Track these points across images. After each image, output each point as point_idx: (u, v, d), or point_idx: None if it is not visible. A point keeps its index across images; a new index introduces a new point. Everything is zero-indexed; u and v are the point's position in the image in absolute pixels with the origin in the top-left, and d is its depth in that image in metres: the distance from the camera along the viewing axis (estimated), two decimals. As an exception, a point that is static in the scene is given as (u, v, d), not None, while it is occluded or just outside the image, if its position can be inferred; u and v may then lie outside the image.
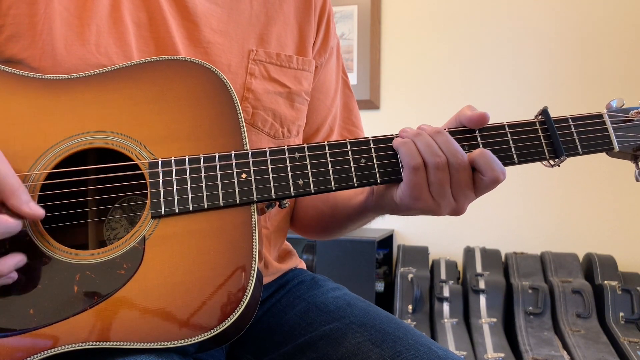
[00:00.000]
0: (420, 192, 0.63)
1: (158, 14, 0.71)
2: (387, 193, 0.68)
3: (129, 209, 0.69)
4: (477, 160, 0.62)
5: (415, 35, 2.53)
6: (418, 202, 0.64)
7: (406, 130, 0.65)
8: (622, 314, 1.99)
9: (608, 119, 0.67)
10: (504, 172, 0.62)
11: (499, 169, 0.62)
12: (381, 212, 0.73)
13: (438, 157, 0.62)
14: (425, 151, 0.62)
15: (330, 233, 0.90)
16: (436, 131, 0.64)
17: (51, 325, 0.54)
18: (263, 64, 0.78)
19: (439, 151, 0.62)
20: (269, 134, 0.78)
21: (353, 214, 0.79)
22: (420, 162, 0.62)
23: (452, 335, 2.03)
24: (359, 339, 0.71)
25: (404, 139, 0.64)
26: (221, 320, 0.54)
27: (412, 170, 0.62)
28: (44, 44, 0.65)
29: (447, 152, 0.62)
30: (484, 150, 0.63)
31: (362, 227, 0.84)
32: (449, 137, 0.63)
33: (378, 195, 0.70)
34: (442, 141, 0.63)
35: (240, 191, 0.61)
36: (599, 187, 2.30)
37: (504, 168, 0.63)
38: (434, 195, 0.63)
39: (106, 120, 0.63)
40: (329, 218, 0.85)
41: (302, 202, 0.89)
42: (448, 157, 0.62)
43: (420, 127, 0.65)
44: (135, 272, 0.57)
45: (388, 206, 0.69)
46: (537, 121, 0.67)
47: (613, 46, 2.29)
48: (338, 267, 2.21)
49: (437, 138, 0.63)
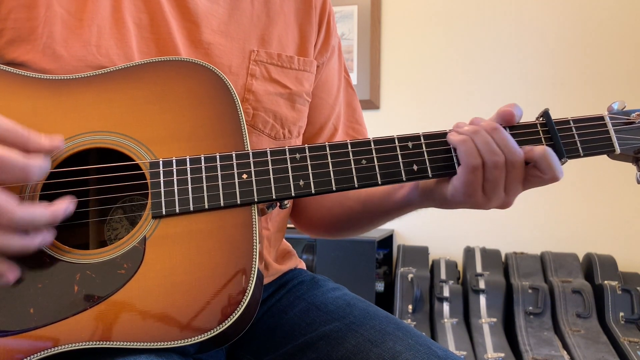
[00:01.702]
0: (475, 189, 0.63)
1: (159, 15, 0.71)
2: (437, 188, 0.67)
3: (129, 209, 0.69)
4: (539, 158, 0.62)
5: (415, 36, 2.53)
6: (471, 199, 0.64)
7: (461, 126, 0.64)
8: (622, 314, 1.99)
9: (609, 121, 0.67)
10: (562, 172, 0.63)
11: (558, 169, 0.62)
12: (427, 206, 0.73)
13: (497, 156, 0.61)
14: (484, 149, 0.62)
15: (357, 229, 0.89)
16: (493, 127, 0.63)
17: (51, 324, 0.54)
18: (264, 64, 0.78)
19: (497, 149, 0.62)
20: (269, 135, 0.78)
21: (392, 209, 0.78)
22: (480, 162, 0.62)
23: (452, 335, 2.03)
24: (358, 339, 0.71)
25: (462, 135, 0.63)
26: (221, 320, 0.54)
27: (470, 170, 0.62)
28: (45, 47, 0.65)
29: (505, 150, 0.62)
30: (547, 149, 0.63)
31: (392, 220, 0.83)
32: (505, 133, 0.63)
33: (425, 190, 0.70)
34: (500, 138, 0.62)
35: (241, 191, 0.61)
36: (599, 187, 2.30)
37: (561, 168, 0.63)
38: (486, 192, 0.63)
39: (107, 120, 0.63)
40: (359, 215, 0.84)
41: (321, 201, 0.89)
42: (506, 155, 0.62)
43: (474, 121, 0.64)
44: (135, 272, 0.57)
45: (438, 200, 0.68)
46: (538, 123, 0.67)
47: (615, 48, 2.29)
48: (338, 267, 2.21)
49: (495, 135, 0.62)
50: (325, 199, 0.88)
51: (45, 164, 0.53)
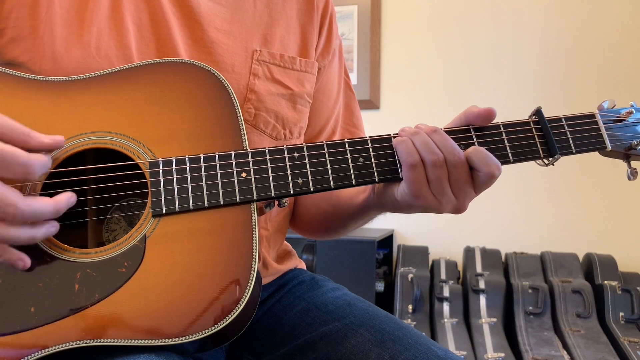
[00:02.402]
0: (419, 189, 0.64)
1: (160, 15, 0.71)
2: (387, 191, 0.68)
3: (128, 210, 0.70)
4: (471, 156, 0.63)
5: (415, 36, 2.53)
6: (418, 200, 0.64)
7: (404, 130, 0.66)
8: (622, 314, 1.99)
9: (600, 118, 0.69)
10: (499, 167, 0.63)
11: (493, 164, 0.63)
12: (383, 210, 0.74)
13: (434, 155, 0.63)
14: (422, 149, 0.63)
15: (332, 232, 0.90)
16: (432, 130, 0.65)
17: (52, 323, 0.54)
18: (267, 64, 0.78)
19: (435, 149, 0.63)
20: (270, 136, 0.78)
21: (355, 213, 0.79)
22: (418, 159, 0.63)
23: (452, 335, 2.03)
24: (358, 339, 0.71)
25: (402, 137, 0.65)
26: (220, 318, 0.55)
27: (409, 168, 0.63)
28: (45, 47, 0.65)
29: (443, 150, 0.63)
30: (477, 147, 0.64)
31: (363, 225, 0.85)
32: (445, 135, 0.64)
33: (379, 193, 0.71)
34: (439, 139, 0.64)
35: (240, 190, 0.61)
36: (599, 187, 2.30)
37: (498, 163, 0.63)
38: (434, 193, 0.64)
39: (106, 120, 0.63)
40: (331, 217, 0.85)
41: (304, 202, 0.89)
42: (445, 155, 0.63)
43: (418, 126, 0.66)
44: (136, 270, 0.57)
45: (390, 204, 0.70)
46: (531, 121, 0.68)
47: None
48: (338, 267, 2.21)
49: (434, 136, 0.64)
50: (307, 200, 0.89)
51: (47, 161, 0.54)
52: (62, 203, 0.55)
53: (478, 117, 0.66)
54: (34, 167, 0.52)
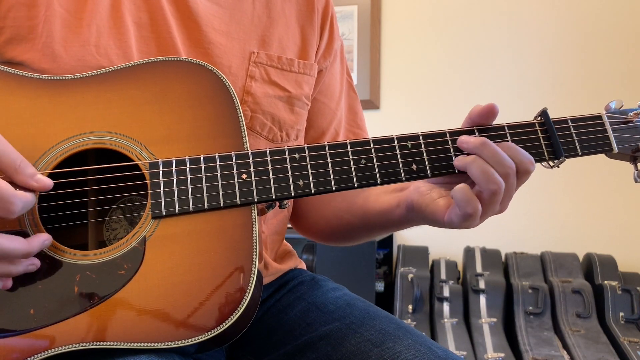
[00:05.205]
0: (474, 219, 0.61)
1: (159, 14, 0.71)
2: (431, 213, 0.66)
3: (128, 209, 0.69)
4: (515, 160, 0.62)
5: (415, 36, 2.53)
6: (466, 224, 0.62)
7: (468, 141, 0.63)
8: (622, 314, 1.99)
9: (607, 120, 0.67)
10: (532, 162, 0.62)
11: (528, 161, 0.62)
12: (421, 224, 0.72)
13: (495, 185, 0.60)
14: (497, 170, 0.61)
15: (356, 241, 0.90)
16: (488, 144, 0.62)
17: (51, 325, 0.54)
18: (264, 66, 0.77)
19: (497, 178, 0.60)
20: (267, 138, 0.78)
21: (392, 226, 0.78)
22: (501, 185, 0.60)
23: (452, 335, 2.03)
24: (359, 339, 0.71)
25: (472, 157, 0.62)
26: (221, 321, 0.54)
27: (490, 194, 0.60)
28: (44, 47, 0.65)
29: (502, 172, 0.61)
30: (510, 144, 0.63)
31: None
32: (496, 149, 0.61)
33: (420, 213, 0.68)
34: (507, 153, 0.61)
35: (241, 192, 0.61)
36: (599, 187, 2.30)
37: (532, 158, 0.63)
38: (486, 211, 0.62)
39: (106, 120, 0.63)
40: (357, 229, 0.84)
41: (321, 211, 0.88)
42: (504, 179, 0.61)
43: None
44: (135, 273, 0.57)
45: (431, 223, 0.68)
46: (536, 122, 0.66)
47: (612, 48, 2.29)
48: (338, 267, 2.21)
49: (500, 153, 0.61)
50: (325, 210, 0.87)
51: (31, 201, 0.54)
52: (35, 245, 0.54)
53: (481, 116, 0.64)
54: (15, 206, 0.52)
